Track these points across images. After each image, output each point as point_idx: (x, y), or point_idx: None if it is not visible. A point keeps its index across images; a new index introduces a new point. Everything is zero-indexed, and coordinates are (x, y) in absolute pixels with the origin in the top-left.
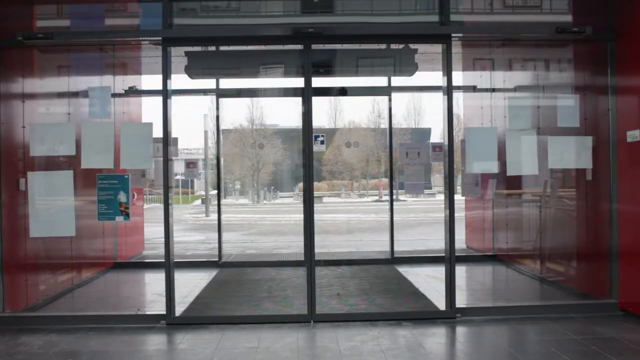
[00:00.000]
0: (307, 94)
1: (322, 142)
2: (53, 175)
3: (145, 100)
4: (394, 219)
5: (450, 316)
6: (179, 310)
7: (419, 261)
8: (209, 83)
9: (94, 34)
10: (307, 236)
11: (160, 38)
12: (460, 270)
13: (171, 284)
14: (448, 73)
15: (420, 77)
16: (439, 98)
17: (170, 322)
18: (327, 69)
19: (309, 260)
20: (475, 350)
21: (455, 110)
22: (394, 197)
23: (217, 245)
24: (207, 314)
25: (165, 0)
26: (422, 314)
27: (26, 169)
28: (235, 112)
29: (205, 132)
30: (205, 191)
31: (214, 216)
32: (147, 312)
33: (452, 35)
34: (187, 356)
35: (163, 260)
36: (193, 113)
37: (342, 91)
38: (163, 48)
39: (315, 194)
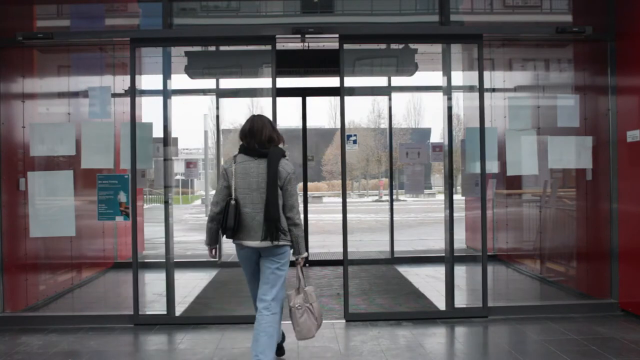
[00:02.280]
0: (341, 93)
1: (354, 142)
2: (53, 175)
3: (145, 100)
4: (394, 218)
5: (450, 316)
6: (179, 310)
7: (419, 261)
8: (209, 83)
9: (94, 34)
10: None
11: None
12: (460, 270)
13: (171, 284)
14: (480, 71)
15: (420, 77)
16: (439, 98)
17: (170, 322)
18: (327, 69)
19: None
20: (475, 350)
21: (455, 110)
22: (394, 197)
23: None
24: (207, 314)
25: (165, 0)
26: (422, 314)
27: (26, 169)
28: (235, 112)
29: (205, 132)
30: (205, 191)
31: None
32: (147, 312)
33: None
34: (187, 356)
35: (163, 260)
36: (193, 113)
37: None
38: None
39: (315, 193)
